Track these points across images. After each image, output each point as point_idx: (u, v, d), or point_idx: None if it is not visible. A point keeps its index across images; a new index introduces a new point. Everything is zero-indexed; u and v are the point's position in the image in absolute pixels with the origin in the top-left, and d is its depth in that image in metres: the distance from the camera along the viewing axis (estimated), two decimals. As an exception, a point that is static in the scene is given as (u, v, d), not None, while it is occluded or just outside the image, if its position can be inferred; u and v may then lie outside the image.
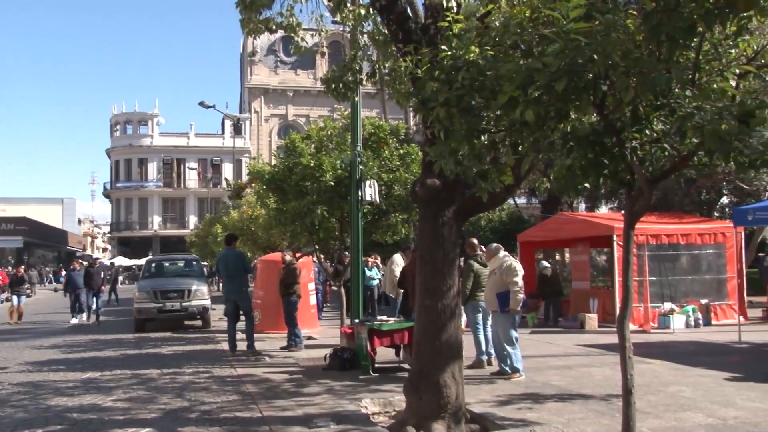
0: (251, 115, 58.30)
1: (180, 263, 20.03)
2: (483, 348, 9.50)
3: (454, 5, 5.71)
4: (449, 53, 4.33)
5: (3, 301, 26.22)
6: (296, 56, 49.21)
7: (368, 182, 10.84)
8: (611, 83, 3.75)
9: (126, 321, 18.51)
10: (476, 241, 10.08)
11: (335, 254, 13.47)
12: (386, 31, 6.97)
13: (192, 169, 58.15)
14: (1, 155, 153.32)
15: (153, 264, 19.76)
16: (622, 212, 7.75)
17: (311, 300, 15.44)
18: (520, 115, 3.78)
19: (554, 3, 3.75)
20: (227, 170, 55.98)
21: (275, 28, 7.75)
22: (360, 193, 10.75)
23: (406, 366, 9.19)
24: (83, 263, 21.65)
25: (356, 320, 10.54)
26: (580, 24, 3.51)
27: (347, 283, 13.07)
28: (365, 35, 8.05)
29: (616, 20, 3.54)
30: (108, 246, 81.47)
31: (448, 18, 4.75)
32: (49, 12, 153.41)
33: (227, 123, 56.12)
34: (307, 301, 14.79)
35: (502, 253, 9.12)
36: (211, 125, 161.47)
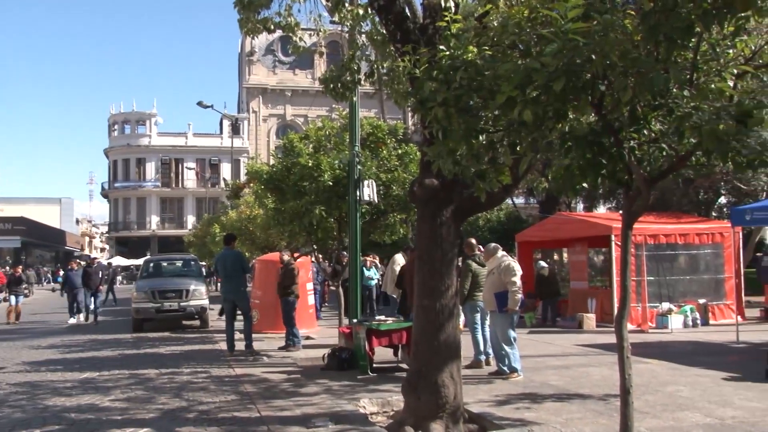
0: (249, 115, 58.28)
1: (178, 263, 20.00)
2: (481, 348, 9.51)
3: (452, 5, 5.71)
4: (447, 53, 4.33)
5: (1, 301, 26.18)
6: (294, 56, 49.32)
7: (366, 182, 10.84)
8: (609, 83, 3.75)
9: (124, 321, 18.49)
10: (474, 241, 10.09)
11: (333, 254, 13.48)
12: (384, 31, 6.97)
13: (190, 169, 58.14)
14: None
15: (151, 264, 19.74)
16: (620, 212, 7.75)
17: (309, 300, 15.44)
18: (519, 115, 3.78)
19: (552, 3, 3.75)
20: (225, 170, 55.85)
21: (273, 28, 7.74)
22: (358, 193, 10.75)
23: (405, 366, 9.19)
24: (81, 263, 21.61)
25: (354, 320, 10.55)
26: (578, 24, 3.52)
27: (345, 283, 13.08)
28: (363, 35, 8.04)
29: (614, 20, 3.55)
30: (106, 246, 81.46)
31: (447, 18, 4.75)
32: (48, 12, 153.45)
33: (225, 123, 56.03)
34: (306, 301, 14.78)
35: (501, 253, 9.13)
36: (210, 125, 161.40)
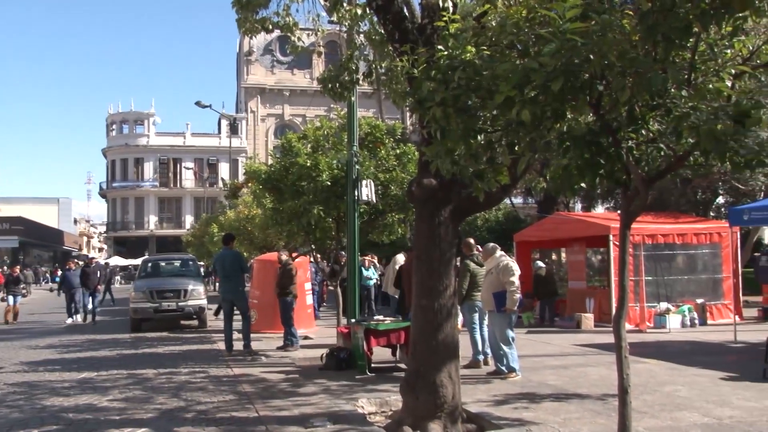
0: (248, 115, 58.22)
1: (176, 263, 20.00)
2: (479, 348, 9.51)
3: (451, 5, 5.71)
4: (446, 53, 4.33)
5: (-1, 301, 26.14)
6: (293, 56, 49.26)
7: (365, 182, 10.84)
8: (607, 83, 3.75)
9: (122, 321, 18.49)
10: (473, 241, 10.09)
11: (332, 254, 13.48)
12: (383, 31, 6.97)
13: (188, 169, 58.09)
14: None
15: (149, 264, 19.73)
16: (618, 212, 7.75)
17: (308, 300, 15.43)
18: (517, 115, 3.78)
19: (550, 3, 3.75)
20: (224, 170, 55.91)
21: (272, 28, 7.74)
22: (356, 193, 10.74)
23: (403, 366, 9.19)
24: (79, 263, 21.59)
25: (353, 320, 10.55)
26: (577, 24, 3.52)
27: (344, 283, 13.07)
28: (362, 35, 8.04)
29: (613, 20, 3.55)
30: (104, 246, 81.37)
31: (445, 18, 4.75)
32: (46, 11, 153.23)
33: (224, 123, 55.93)
34: (304, 301, 14.78)
35: (499, 253, 9.13)
36: (208, 125, 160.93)
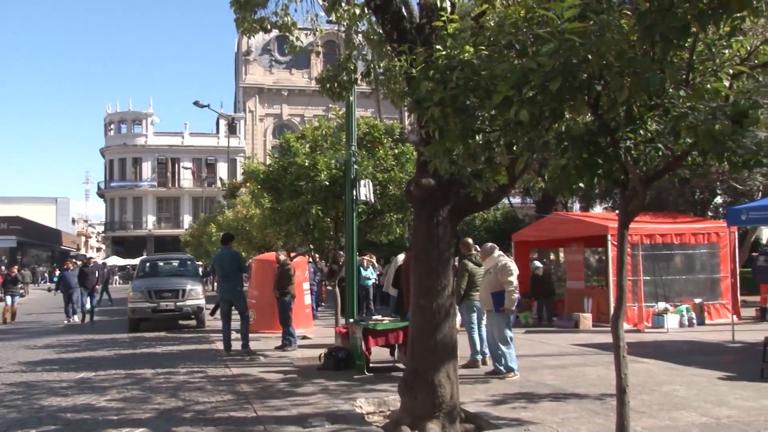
0: (246, 115, 58.21)
1: (174, 263, 19.98)
2: (478, 347, 9.51)
3: (449, 5, 5.71)
4: (444, 53, 4.33)
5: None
6: (291, 56, 49.14)
7: (363, 182, 10.83)
8: (605, 83, 3.75)
9: (120, 321, 18.47)
10: (471, 241, 10.09)
11: (330, 254, 13.47)
12: (381, 31, 6.97)
13: (186, 169, 58.05)
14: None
15: (147, 264, 19.71)
16: (617, 212, 7.77)
17: (306, 300, 15.43)
18: (515, 115, 3.78)
19: (549, 3, 3.75)
20: (222, 170, 55.88)
21: (270, 28, 7.73)
22: (355, 193, 10.74)
23: (401, 365, 9.19)
24: (77, 263, 21.58)
25: (351, 320, 10.55)
26: (575, 24, 3.52)
27: (342, 283, 13.06)
28: (360, 35, 8.04)
29: (611, 20, 3.55)
30: (102, 246, 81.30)
31: (443, 18, 4.75)
32: (44, 10, 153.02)
33: (222, 122, 55.98)
34: (302, 301, 14.78)
35: (497, 253, 9.13)
36: (206, 125, 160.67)
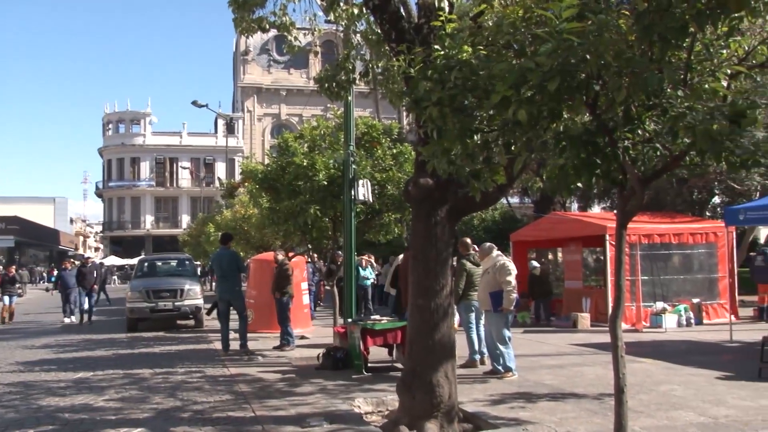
0: (244, 115, 58.18)
1: (173, 263, 19.95)
2: (476, 347, 9.51)
3: (447, 5, 5.72)
4: (442, 53, 4.33)
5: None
6: (289, 55, 49.05)
7: (361, 181, 10.83)
8: (604, 83, 3.75)
9: (118, 320, 18.44)
10: (469, 241, 10.09)
11: (328, 254, 13.47)
12: (379, 31, 6.97)
13: (185, 169, 57.99)
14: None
15: (145, 263, 19.69)
16: (615, 212, 7.78)
17: (304, 299, 15.42)
18: (513, 115, 3.78)
19: (547, 3, 3.75)
20: (220, 169, 55.81)
21: (268, 27, 7.73)
22: (353, 193, 10.74)
23: (399, 365, 9.19)
24: (75, 263, 21.55)
25: (349, 320, 10.54)
26: (573, 24, 3.52)
27: (340, 283, 13.06)
28: (358, 34, 8.03)
29: (609, 20, 3.55)
30: (100, 245, 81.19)
31: (441, 17, 4.76)
32: (42, 10, 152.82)
33: (220, 122, 55.96)
34: (301, 301, 14.77)
35: (495, 253, 9.13)
36: (204, 124, 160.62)
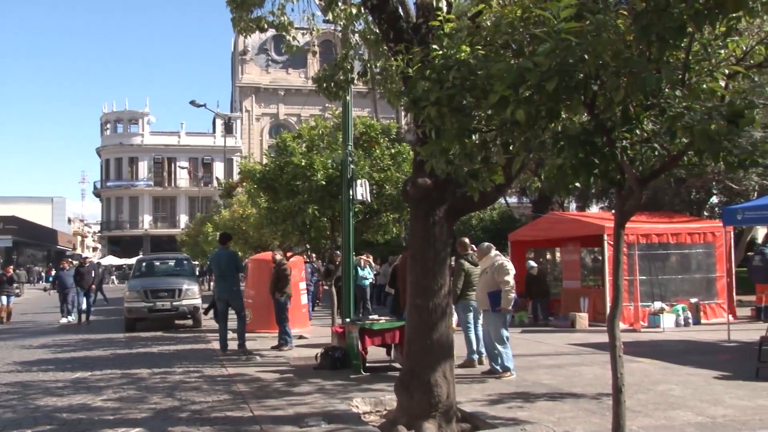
0: (242, 114, 58.16)
1: (171, 262, 19.96)
2: (474, 347, 9.52)
3: (445, 5, 5.71)
4: (440, 52, 4.33)
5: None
6: (287, 55, 49.12)
7: (359, 181, 10.83)
8: (602, 83, 3.76)
9: (116, 320, 18.42)
10: (467, 241, 10.09)
11: (326, 253, 13.46)
12: (377, 31, 6.96)
13: (183, 168, 57.97)
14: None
15: (144, 263, 19.69)
16: (613, 212, 7.77)
17: (302, 299, 15.42)
18: (511, 115, 3.78)
19: (545, 3, 3.76)
20: (218, 169, 55.82)
21: (266, 27, 7.74)
22: (351, 193, 10.74)
23: (398, 365, 9.19)
24: (73, 263, 21.52)
25: (347, 319, 10.54)
26: (571, 24, 3.52)
27: (338, 283, 13.06)
28: (356, 34, 8.04)
29: (607, 20, 3.55)
30: (98, 245, 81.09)
31: (440, 17, 4.75)
32: (42, 10, 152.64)
33: (218, 122, 56.01)
34: (299, 301, 14.77)
35: (494, 252, 9.14)
36: (202, 124, 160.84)
